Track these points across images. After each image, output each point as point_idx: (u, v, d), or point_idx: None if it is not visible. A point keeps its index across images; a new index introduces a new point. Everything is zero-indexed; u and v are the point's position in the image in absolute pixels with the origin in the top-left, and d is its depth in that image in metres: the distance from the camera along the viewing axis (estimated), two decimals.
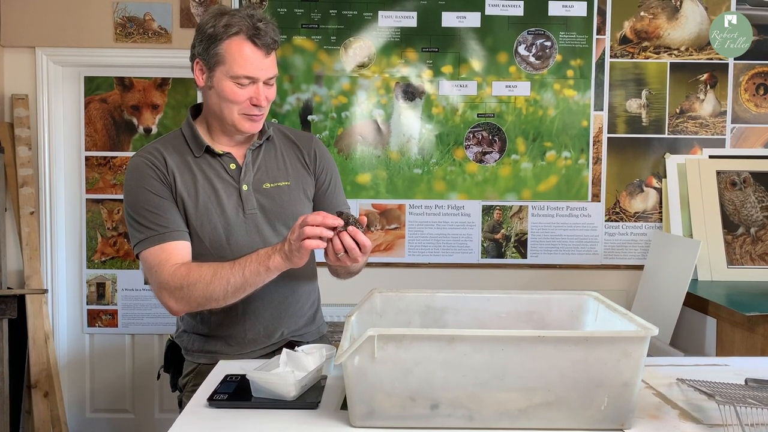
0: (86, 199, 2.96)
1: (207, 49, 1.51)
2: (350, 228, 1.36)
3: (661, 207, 2.92)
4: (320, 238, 1.36)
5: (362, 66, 2.87)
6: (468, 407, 1.13)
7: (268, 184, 1.61)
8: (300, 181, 1.66)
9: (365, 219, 1.40)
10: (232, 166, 1.59)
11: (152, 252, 1.51)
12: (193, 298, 1.46)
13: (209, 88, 1.55)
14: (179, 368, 1.72)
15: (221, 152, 1.59)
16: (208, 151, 1.59)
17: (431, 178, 2.90)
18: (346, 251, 1.38)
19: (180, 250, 1.51)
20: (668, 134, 2.91)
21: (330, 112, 2.87)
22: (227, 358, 1.58)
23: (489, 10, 2.86)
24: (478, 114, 2.89)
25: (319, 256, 1.77)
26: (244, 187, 1.58)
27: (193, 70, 1.57)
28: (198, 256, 1.55)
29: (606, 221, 2.93)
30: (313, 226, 1.35)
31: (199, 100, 2.93)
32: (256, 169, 1.61)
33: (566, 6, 2.86)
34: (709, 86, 2.90)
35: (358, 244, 1.37)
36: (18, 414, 2.80)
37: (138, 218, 1.53)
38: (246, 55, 1.50)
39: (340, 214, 1.38)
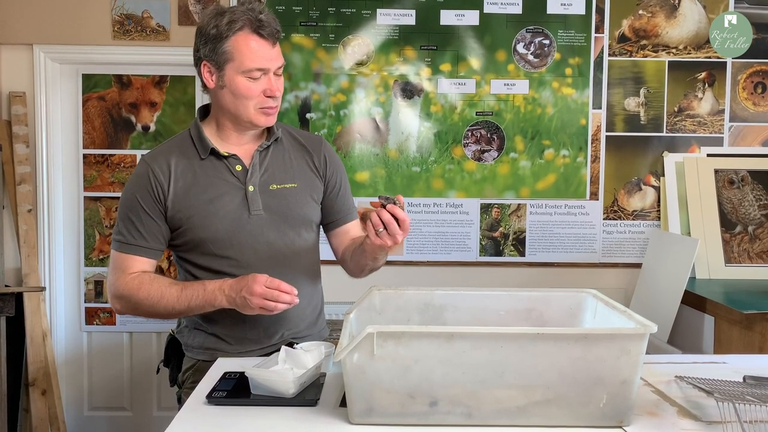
0: (84, 196, 2.96)
1: (214, 49, 1.53)
2: (389, 206, 1.40)
3: (659, 205, 2.92)
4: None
5: (361, 64, 2.87)
6: (467, 404, 1.13)
7: (275, 186, 1.62)
8: (307, 183, 1.67)
9: (402, 197, 1.43)
10: (238, 167, 1.60)
11: (119, 256, 1.59)
12: (137, 311, 1.58)
13: (221, 87, 1.55)
14: (179, 363, 1.72)
15: (226, 154, 1.60)
16: (214, 153, 1.60)
17: (430, 176, 2.89)
18: (385, 228, 1.41)
19: (142, 265, 1.58)
20: (666, 133, 2.91)
21: (328, 110, 2.87)
22: (227, 356, 1.58)
23: (487, 8, 2.86)
24: (476, 112, 2.89)
25: (326, 255, 1.78)
26: (250, 188, 1.59)
27: (200, 74, 1.58)
28: (202, 255, 1.59)
29: (604, 219, 2.93)
30: (267, 299, 1.42)
31: (197, 97, 2.93)
32: (263, 170, 1.62)
33: (565, 4, 2.86)
34: (707, 85, 2.90)
35: (397, 221, 1.40)
36: (16, 412, 2.79)
37: (121, 218, 1.60)
38: (254, 48, 1.52)
39: (382, 198, 1.42)
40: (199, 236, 1.57)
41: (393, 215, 1.39)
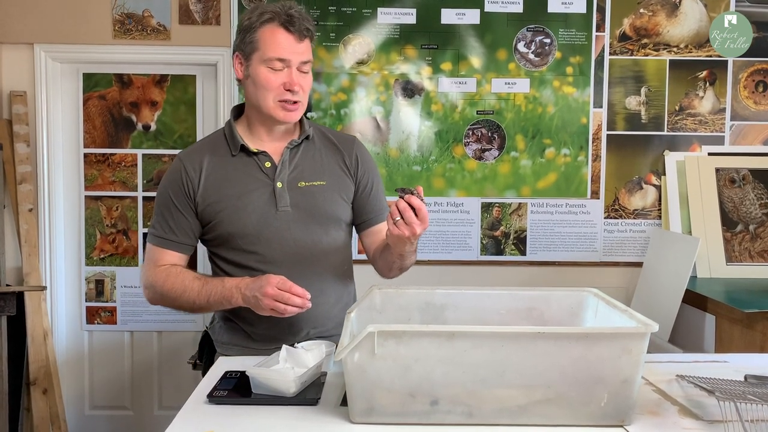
0: (85, 196, 2.96)
1: (243, 39, 1.58)
2: (406, 196, 1.40)
3: (660, 204, 2.92)
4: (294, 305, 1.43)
5: (361, 63, 2.87)
6: (468, 404, 1.13)
7: (303, 183, 1.64)
8: (337, 182, 1.67)
9: (421, 189, 1.44)
10: (267, 164, 1.63)
11: (152, 248, 1.64)
12: (164, 302, 1.63)
13: (246, 77, 1.60)
14: (211, 358, 1.74)
15: (256, 150, 1.63)
16: (244, 149, 1.63)
17: (430, 175, 2.89)
18: (402, 218, 1.40)
19: (172, 258, 1.63)
20: (667, 131, 2.91)
21: (329, 109, 2.86)
22: (252, 353, 1.60)
23: (488, 7, 2.86)
24: (477, 111, 2.88)
25: (357, 254, 1.77)
26: (279, 185, 1.61)
27: (234, 65, 1.64)
28: (231, 250, 1.62)
29: (605, 218, 2.93)
30: (278, 301, 1.42)
31: (198, 96, 2.94)
32: (292, 167, 1.64)
33: (565, 3, 2.86)
34: (708, 83, 2.90)
35: (414, 210, 1.40)
36: (17, 411, 2.80)
37: (156, 212, 1.66)
38: (278, 38, 1.55)
39: (399, 190, 1.43)
40: (227, 231, 1.60)
41: (409, 205, 1.40)
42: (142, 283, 1.65)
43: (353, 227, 1.77)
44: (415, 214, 1.39)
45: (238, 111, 1.71)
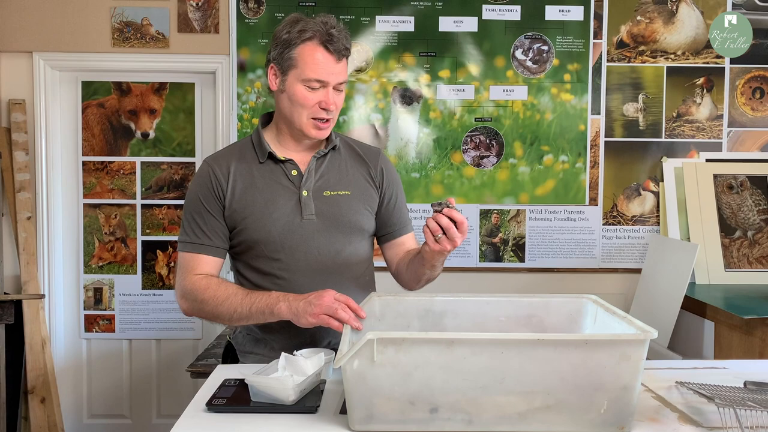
0: (83, 204, 2.96)
1: (281, 54, 1.58)
2: (445, 209, 1.39)
3: (658, 210, 2.93)
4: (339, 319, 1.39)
5: (360, 70, 2.88)
6: (467, 411, 1.12)
7: (329, 192, 1.64)
8: (361, 192, 1.68)
9: (453, 199, 1.45)
10: (294, 172, 1.63)
11: (186, 256, 1.62)
12: (203, 311, 1.58)
13: (281, 91, 1.60)
14: None
15: (283, 158, 1.63)
16: (271, 157, 1.63)
17: (429, 182, 2.90)
18: (444, 232, 1.40)
19: (208, 264, 1.61)
20: (665, 138, 2.92)
21: None
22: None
23: (486, 15, 2.87)
24: (475, 118, 2.89)
25: (377, 261, 1.78)
26: (304, 193, 1.61)
27: (267, 74, 1.64)
28: (255, 258, 1.61)
29: (603, 225, 2.93)
30: (338, 308, 1.38)
31: (197, 104, 2.94)
32: (318, 176, 1.64)
33: (563, 10, 2.87)
34: (705, 90, 2.91)
35: (455, 224, 1.41)
36: (15, 420, 2.79)
37: (186, 219, 1.63)
38: (318, 59, 1.55)
39: (435, 205, 1.42)
40: (252, 237, 1.60)
41: (451, 219, 1.39)
42: (177, 293, 1.61)
43: (375, 239, 1.77)
44: (456, 227, 1.40)
45: (266, 119, 1.71)
